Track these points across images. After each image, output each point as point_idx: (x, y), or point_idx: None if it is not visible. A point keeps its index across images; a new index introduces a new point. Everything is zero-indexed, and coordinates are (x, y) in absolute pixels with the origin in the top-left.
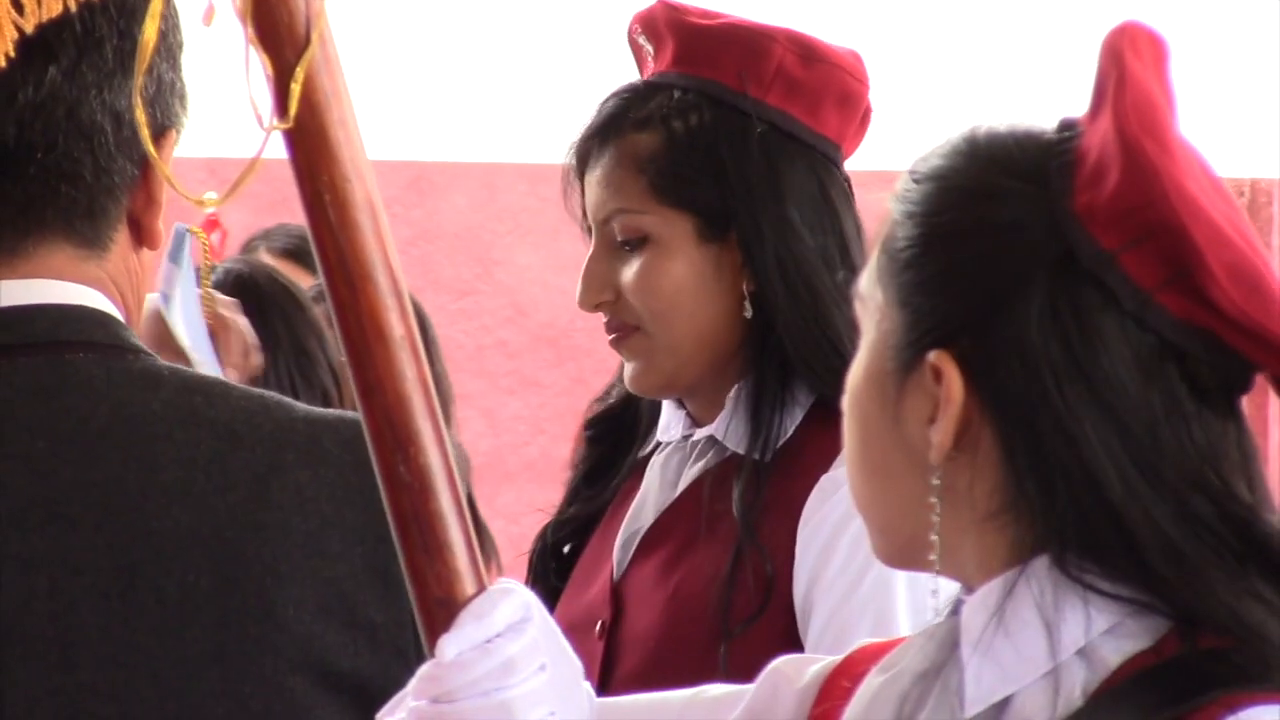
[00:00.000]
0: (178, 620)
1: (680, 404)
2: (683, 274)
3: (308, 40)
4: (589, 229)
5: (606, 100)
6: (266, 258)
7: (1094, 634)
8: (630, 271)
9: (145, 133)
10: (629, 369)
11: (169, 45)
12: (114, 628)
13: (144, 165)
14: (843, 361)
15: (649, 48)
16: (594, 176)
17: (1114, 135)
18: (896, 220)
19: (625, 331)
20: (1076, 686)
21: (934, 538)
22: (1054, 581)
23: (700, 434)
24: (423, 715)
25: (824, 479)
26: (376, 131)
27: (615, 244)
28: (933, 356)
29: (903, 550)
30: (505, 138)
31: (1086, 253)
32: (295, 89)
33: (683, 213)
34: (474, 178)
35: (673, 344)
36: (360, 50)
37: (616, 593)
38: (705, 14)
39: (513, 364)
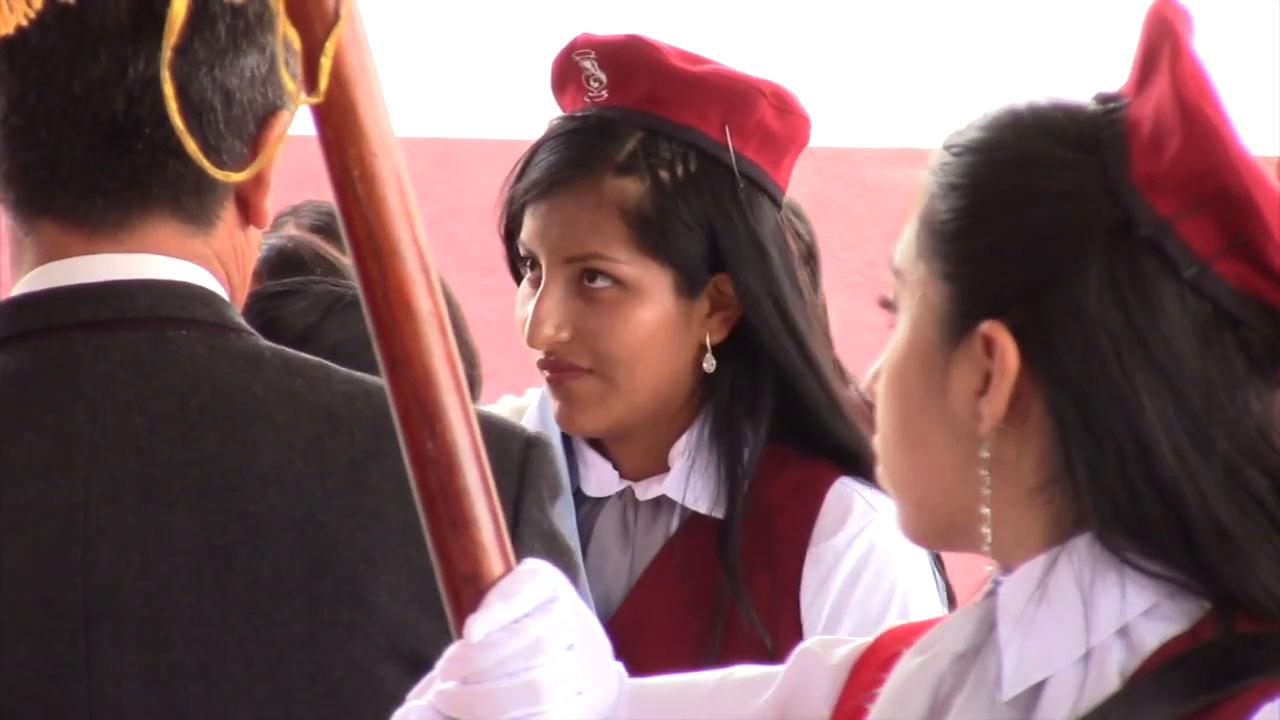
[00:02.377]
0: (270, 603)
1: (594, 447)
2: (654, 324)
3: (337, 15)
4: (527, 259)
5: (563, 129)
6: (294, 230)
7: (1131, 615)
8: (595, 315)
9: (174, 105)
10: (566, 408)
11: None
12: (206, 608)
13: (253, 143)
14: (831, 402)
15: (599, 75)
16: (558, 211)
17: (1173, 101)
18: (936, 194)
19: (572, 373)
20: (1114, 668)
21: (985, 510)
22: (1094, 559)
23: (652, 493)
24: (450, 697)
25: (821, 549)
26: (403, 108)
27: (577, 283)
28: (985, 327)
29: (938, 527)
30: (532, 114)
31: (1145, 220)
32: (325, 63)
33: (665, 266)
34: (501, 154)
35: (628, 391)
36: (386, 27)
37: None
38: (687, 57)
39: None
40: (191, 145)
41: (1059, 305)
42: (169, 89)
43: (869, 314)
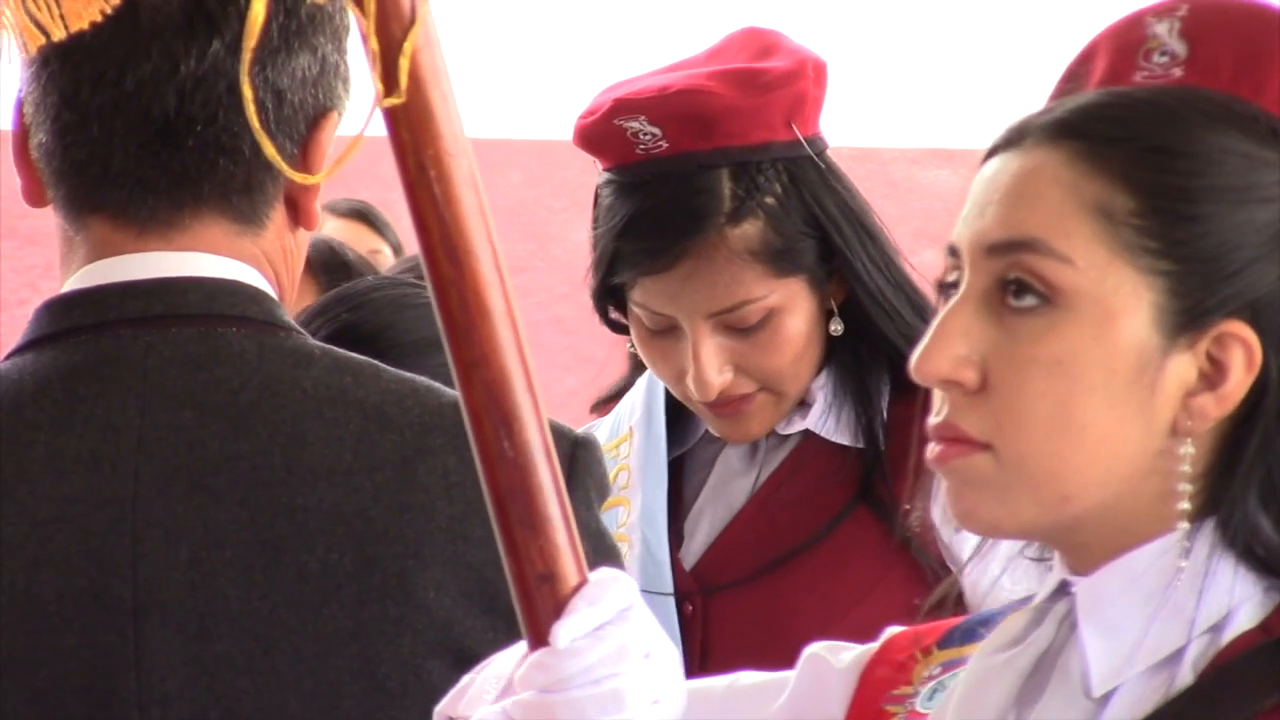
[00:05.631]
0: (318, 597)
1: None
2: (805, 328)
3: (414, 16)
4: (654, 325)
5: (647, 204)
6: (332, 220)
7: (1231, 608)
8: (753, 347)
9: (252, 109)
10: (738, 427)
11: (334, 27)
12: (254, 601)
13: (303, 144)
14: None
15: (651, 130)
16: (690, 279)
17: None
18: (1104, 183)
19: (745, 400)
20: (1189, 661)
21: (1185, 506)
22: (1215, 551)
23: (795, 428)
24: (529, 706)
25: None
26: None
27: (724, 326)
28: (1229, 325)
29: (1062, 520)
30: (560, 114)
31: None
32: (404, 64)
33: (797, 276)
34: (529, 154)
35: (794, 390)
36: None
37: (699, 579)
38: (721, 80)
39: (568, 340)
40: (270, 148)
41: None
42: (248, 91)
43: None
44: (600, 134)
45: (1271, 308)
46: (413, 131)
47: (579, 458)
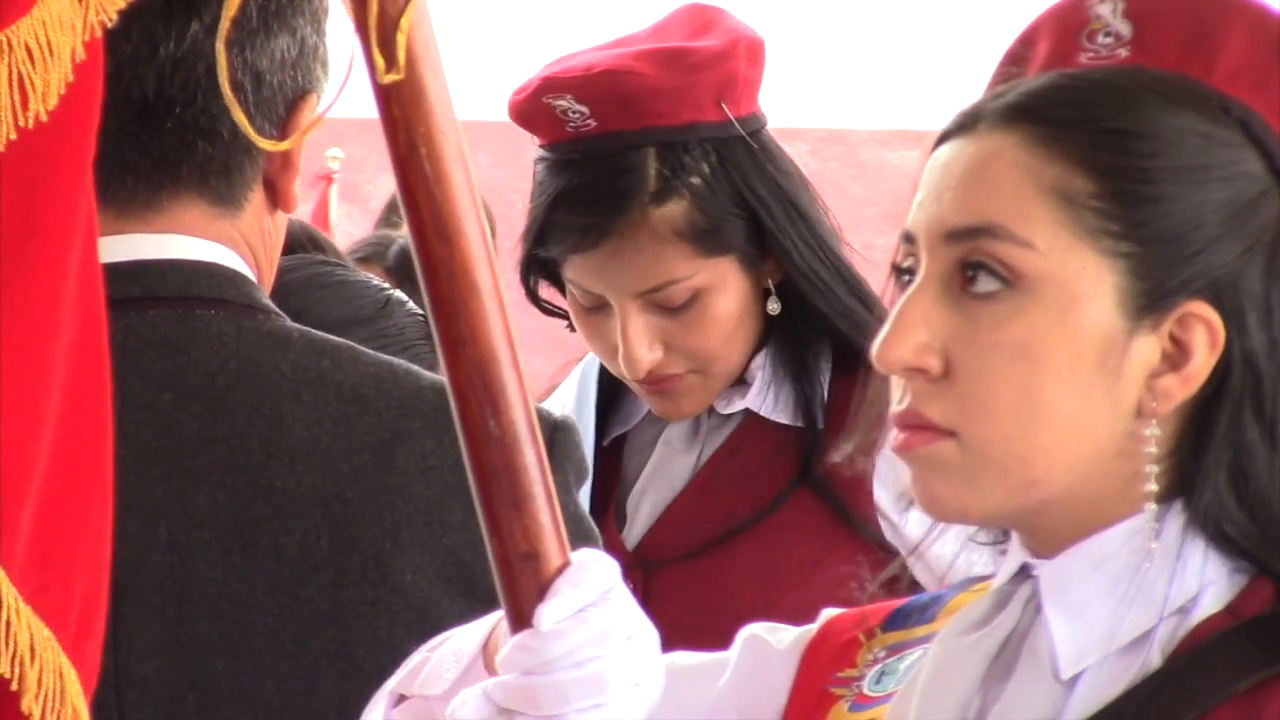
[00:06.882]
0: (295, 579)
1: None
2: (736, 308)
3: None
4: (586, 303)
5: (573, 182)
6: None
7: (1200, 589)
8: (682, 327)
9: (225, 76)
10: (671, 405)
11: (313, 9)
12: (231, 583)
13: (282, 126)
14: (872, 314)
15: (579, 108)
16: (615, 258)
17: None
18: (1066, 168)
19: (674, 381)
20: (1158, 644)
21: (1153, 487)
22: (1184, 533)
23: (735, 407)
24: (511, 689)
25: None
26: None
27: (653, 305)
28: (1193, 306)
29: (1026, 506)
30: None
31: None
32: (401, 40)
33: (726, 256)
34: (496, 135)
35: (725, 371)
36: None
37: (640, 556)
38: (655, 58)
39: (536, 322)
40: (240, 116)
41: (1249, 286)
42: (223, 59)
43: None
44: (531, 111)
45: (1232, 287)
46: (404, 108)
47: (558, 441)
